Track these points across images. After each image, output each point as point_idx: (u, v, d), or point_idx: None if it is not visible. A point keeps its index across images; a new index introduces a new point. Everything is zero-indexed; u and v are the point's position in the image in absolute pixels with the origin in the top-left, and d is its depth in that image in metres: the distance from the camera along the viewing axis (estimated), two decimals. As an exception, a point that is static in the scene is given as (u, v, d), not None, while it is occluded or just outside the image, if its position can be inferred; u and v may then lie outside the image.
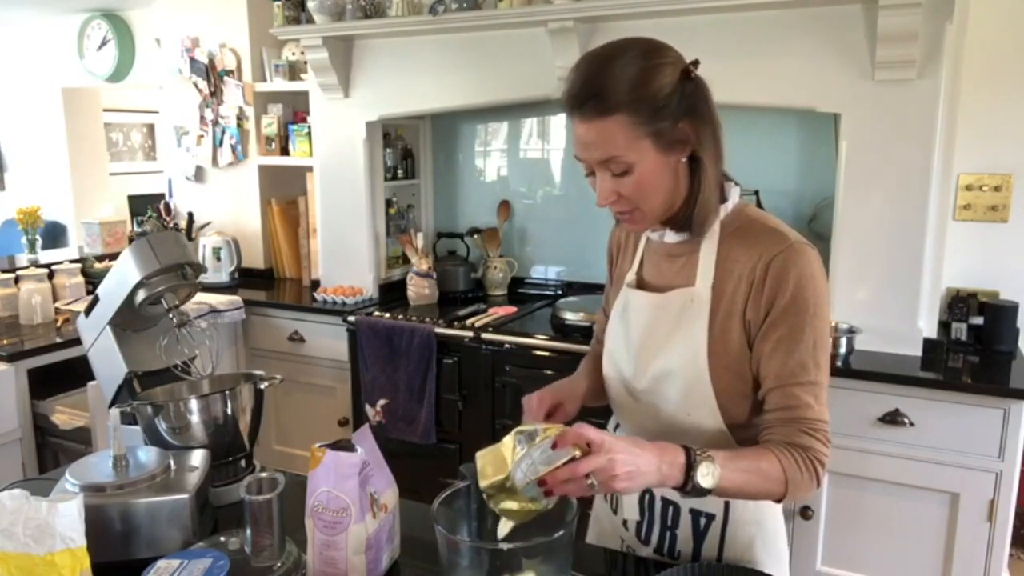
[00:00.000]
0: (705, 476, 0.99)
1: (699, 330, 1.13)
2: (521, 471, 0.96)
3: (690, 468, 0.99)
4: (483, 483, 0.99)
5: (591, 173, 1.13)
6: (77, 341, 2.50)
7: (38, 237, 3.49)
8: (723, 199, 1.16)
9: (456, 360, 2.75)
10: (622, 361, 1.25)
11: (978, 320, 2.44)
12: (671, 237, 1.19)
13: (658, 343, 1.18)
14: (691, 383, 1.14)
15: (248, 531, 1.06)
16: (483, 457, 1.01)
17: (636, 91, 1.04)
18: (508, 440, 1.00)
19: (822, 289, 1.10)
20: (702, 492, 1.00)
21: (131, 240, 3.43)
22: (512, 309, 2.95)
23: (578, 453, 0.95)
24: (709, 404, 1.14)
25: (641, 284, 1.26)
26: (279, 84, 3.45)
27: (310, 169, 3.34)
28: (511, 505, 0.99)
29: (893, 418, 2.17)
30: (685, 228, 1.15)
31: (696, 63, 1.09)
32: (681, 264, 1.19)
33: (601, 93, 1.04)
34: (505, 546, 0.96)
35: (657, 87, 1.05)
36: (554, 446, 0.96)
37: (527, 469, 0.96)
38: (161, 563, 1.03)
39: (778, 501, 1.11)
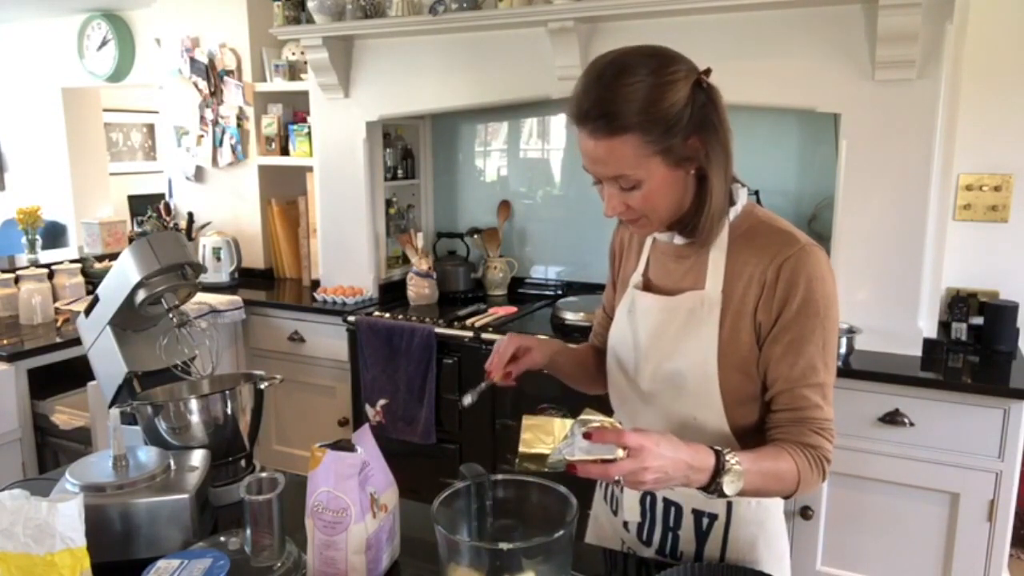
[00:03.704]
0: (729, 484, 1.01)
1: (709, 333, 1.13)
2: (560, 452, 1.01)
3: (717, 474, 1.00)
4: (522, 450, 1.03)
5: (599, 182, 1.12)
6: (77, 341, 2.50)
7: (38, 237, 3.49)
8: (731, 202, 1.15)
9: (456, 360, 2.74)
10: (628, 362, 1.25)
11: (978, 320, 2.45)
12: (680, 239, 1.18)
13: (667, 346, 1.18)
14: (700, 385, 1.14)
15: (248, 531, 1.06)
16: (530, 428, 1.05)
17: (647, 111, 1.02)
18: (564, 424, 1.03)
19: (831, 290, 1.10)
20: (723, 495, 1.01)
21: (131, 240, 3.43)
22: (512, 309, 2.95)
23: (621, 453, 0.97)
24: (716, 407, 1.14)
25: (648, 285, 1.26)
26: (279, 84, 3.45)
27: (310, 169, 3.34)
28: (531, 467, 1.04)
29: (893, 418, 2.17)
30: (692, 234, 1.15)
31: (708, 71, 1.08)
32: (689, 265, 1.18)
33: (611, 113, 1.03)
34: (505, 546, 0.95)
35: (668, 105, 1.03)
36: (587, 436, 0.99)
37: (566, 451, 1.00)
38: (161, 563, 1.03)
39: (786, 498, 1.13)
